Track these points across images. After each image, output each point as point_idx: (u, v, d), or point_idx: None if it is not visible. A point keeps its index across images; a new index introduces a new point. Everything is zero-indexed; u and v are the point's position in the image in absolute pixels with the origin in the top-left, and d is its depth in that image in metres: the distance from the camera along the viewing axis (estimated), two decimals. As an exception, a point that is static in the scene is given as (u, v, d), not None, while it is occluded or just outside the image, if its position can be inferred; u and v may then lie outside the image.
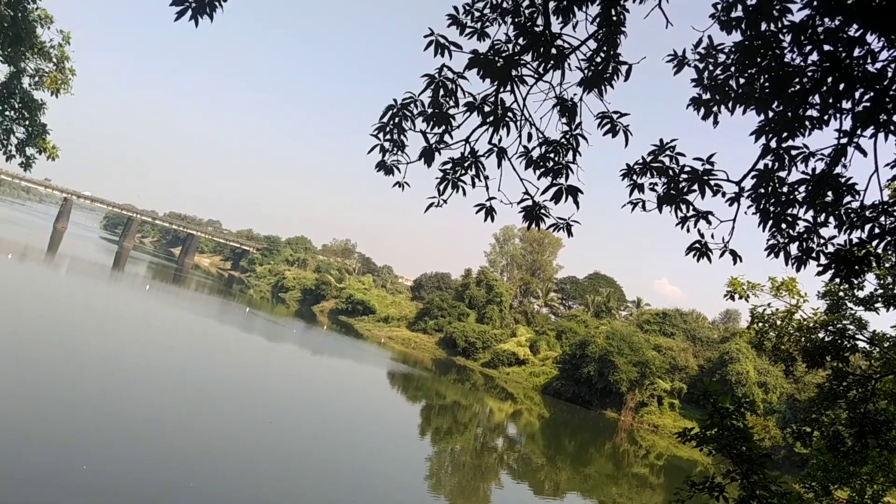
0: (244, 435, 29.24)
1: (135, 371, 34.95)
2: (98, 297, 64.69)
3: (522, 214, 6.43)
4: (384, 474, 30.06)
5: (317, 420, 37.10)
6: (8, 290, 51.17)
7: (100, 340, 40.92)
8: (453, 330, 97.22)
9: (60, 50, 14.64)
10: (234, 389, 38.13)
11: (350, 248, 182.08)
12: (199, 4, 7.14)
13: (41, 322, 41.62)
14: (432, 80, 6.16)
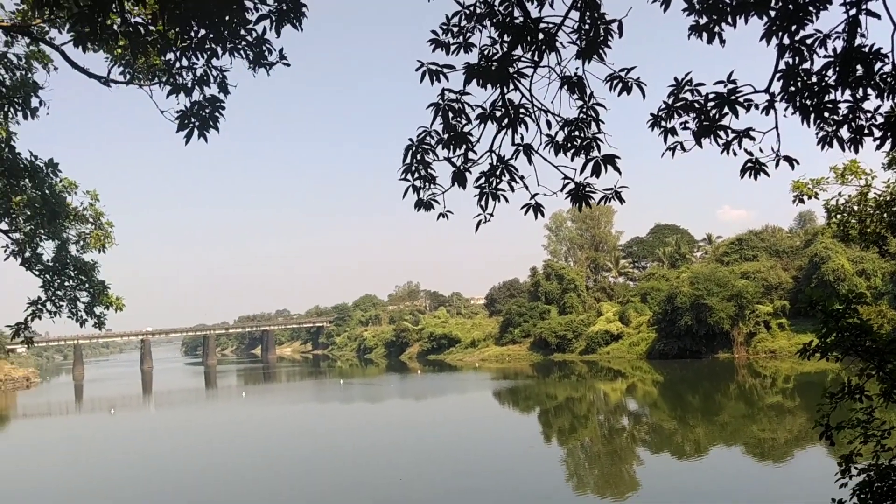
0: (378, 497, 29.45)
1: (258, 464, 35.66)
2: (206, 419, 66.37)
3: (569, 199, 6.40)
4: (527, 489, 29.85)
5: (444, 459, 37.13)
6: (138, 442, 52.90)
7: (236, 451, 41.90)
8: (540, 330, 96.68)
9: (93, 209, 15.22)
10: (350, 460, 38.49)
11: (415, 289, 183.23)
12: (202, 121, 7.47)
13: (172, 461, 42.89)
14: (438, 107, 6.24)
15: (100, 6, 6.94)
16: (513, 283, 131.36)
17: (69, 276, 15.51)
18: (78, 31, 7.74)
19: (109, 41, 7.96)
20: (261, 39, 7.12)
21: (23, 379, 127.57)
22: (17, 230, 14.70)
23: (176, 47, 7.44)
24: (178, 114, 7.52)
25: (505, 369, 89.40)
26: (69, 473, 40.22)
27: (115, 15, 7.46)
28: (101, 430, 63.54)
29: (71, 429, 69.36)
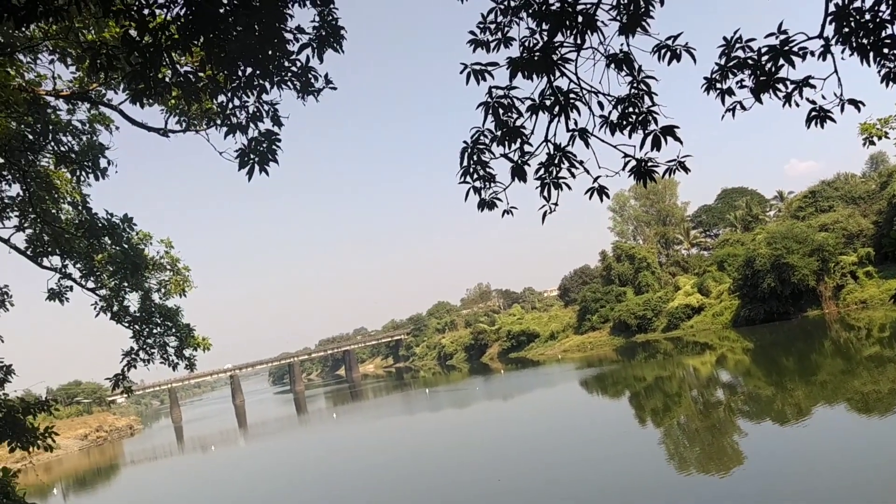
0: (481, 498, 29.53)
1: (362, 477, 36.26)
2: (304, 444, 67.80)
3: (633, 176, 6.33)
4: (627, 475, 29.44)
5: (539, 453, 36.95)
6: (242, 474, 54.53)
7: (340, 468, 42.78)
8: (618, 313, 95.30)
9: (169, 256, 15.79)
10: (446, 464, 38.67)
11: (486, 290, 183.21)
12: (261, 156, 7.68)
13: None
14: (487, 105, 6.26)
15: (150, 62, 7.22)
16: (584, 269, 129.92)
17: (156, 323, 16.12)
18: (133, 89, 8.06)
19: (163, 93, 8.27)
20: (306, 68, 7.26)
21: (126, 427, 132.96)
22: (103, 286, 15.38)
23: (226, 89, 7.67)
24: (237, 153, 7.75)
25: (588, 357, 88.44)
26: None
27: (166, 67, 7.74)
28: (205, 467, 65.68)
29: (178, 469, 71.90)
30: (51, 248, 13.85)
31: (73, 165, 11.81)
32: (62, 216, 13.72)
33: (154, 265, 15.72)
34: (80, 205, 13.35)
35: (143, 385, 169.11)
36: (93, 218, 13.24)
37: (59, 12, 6.17)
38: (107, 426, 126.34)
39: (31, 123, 11.07)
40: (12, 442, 12.28)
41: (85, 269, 15.06)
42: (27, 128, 11.19)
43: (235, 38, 6.83)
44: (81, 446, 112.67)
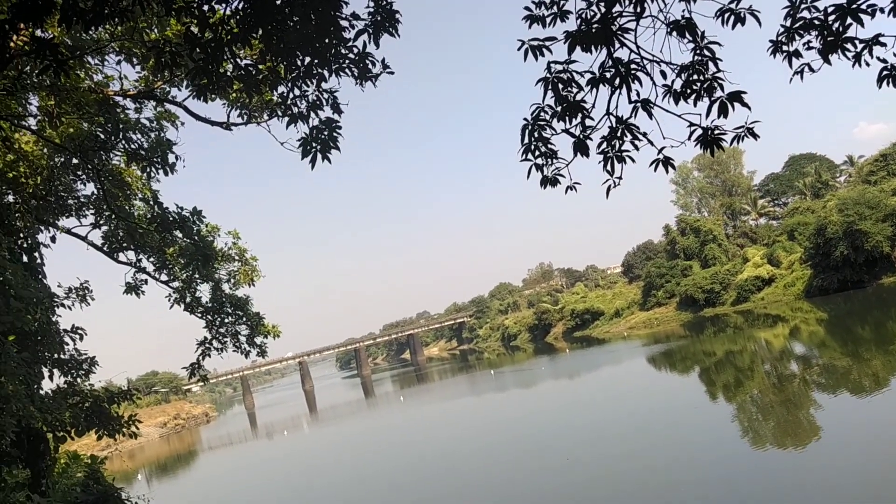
0: (548, 475, 29.52)
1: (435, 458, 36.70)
2: (373, 426, 68.94)
3: (699, 145, 6.18)
4: (700, 453, 28.99)
5: (607, 432, 36.68)
6: (306, 457, 55.89)
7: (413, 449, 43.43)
8: (685, 288, 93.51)
9: (237, 247, 16.19)
10: (520, 446, 38.74)
11: (548, 269, 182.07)
12: (323, 144, 7.79)
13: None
14: (547, 81, 6.19)
15: (212, 57, 7.39)
16: (647, 245, 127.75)
17: (227, 313, 16.59)
18: (196, 84, 8.26)
19: (225, 87, 8.46)
20: (363, 54, 7.31)
21: (202, 415, 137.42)
22: (176, 279, 15.89)
23: (286, 79, 7.80)
24: (299, 142, 7.88)
25: (655, 334, 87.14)
26: (259, 494, 42.97)
27: (227, 62, 7.91)
28: (278, 451, 67.45)
29: (252, 454, 74.04)
30: (126, 243, 14.38)
31: (143, 162, 12.21)
32: (135, 212, 14.22)
33: (223, 256, 16.16)
34: (151, 200, 13.80)
35: (216, 373, 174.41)
36: (164, 212, 13.68)
37: (124, 13, 6.36)
38: (184, 414, 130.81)
39: (102, 123, 11.48)
40: (99, 429, 12.86)
41: (158, 263, 15.59)
42: (98, 128, 11.61)
43: (293, 29, 6.92)
44: (161, 433, 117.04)
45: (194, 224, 14.05)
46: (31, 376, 10.23)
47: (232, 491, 48.48)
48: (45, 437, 12.69)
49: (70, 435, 12.72)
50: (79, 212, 14.62)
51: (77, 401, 12.67)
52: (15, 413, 9.48)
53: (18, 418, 9.76)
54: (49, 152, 12.11)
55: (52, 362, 12.44)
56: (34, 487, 11.36)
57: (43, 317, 11.12)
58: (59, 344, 12.01)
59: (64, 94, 10.14)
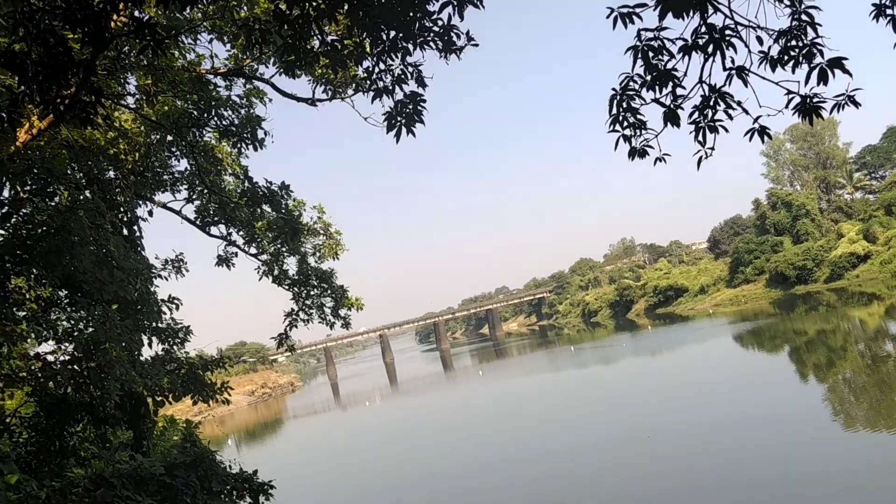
0: (628, 453, 29.25)
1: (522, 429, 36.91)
2: (455, 398, 69.79)
3: (797, 114, 5.91)
4: (788, 433, 28.11)
5: (688, 411, 35.99)
6: (390, 426, 57.15)
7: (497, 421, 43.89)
8: (775, 264, 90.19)
9: (322, 222, 16.55)
10: (601, 421, 38.47)
11: (630, 244, 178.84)
12: (408, 118, 7.85)
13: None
14: (637, 49, 6.03)
15: (300, 33, 7.53)
16: (735, 220, 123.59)
17: (313, 285, 17.03)
18: (284, 61, 8.45)
19: (312, 63, 8.61)
20: (448, 27, 7.29)
21: (287, 384, 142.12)
22: (264, 252, 16.40)
23: (371, 54, 7.87)
24: (384, 116, 7.96)
25: (742, 311, 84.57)
26: (345, 459, 44.23)
27: (313, 38, 8.04)
28: (362, 421, 69.16)
29: (336, 423, 76.16)
30: (217, 217, 14.92)
31: (234, 138, 12.59)
32: (226, 187, 14.71)
33: (308, 230, 16.56)
34: (241, 175, 14.24)
35: (301, 345, 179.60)
36: (254, 187, 14.10)
37: (217, -8, 6.54)
38: (271, 383, 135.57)
39: (195, 101, 11.90)
40: (195, 395, 13.48)
41: (247, 236, 16.10)
42: (192, 105, 12.04)
43: (378, 3, 6.97)
44: (249, 401, 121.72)
45: (282, 198, 14.44)
46: (133, 343, 10.80)
47: (314, 458, 50.05)
48: (146, 400, 13.41)
49: (168, 399, 13.40)
50: (173, 187, 15.23)
51: (174, 367, 13.31)
52: (119, 377, 10.04)
53: (122, 382, 10.34)
54: (146, 129, 12.64)
55: (151, 330, 13.09)
56: (136, 448, 12.03)
57: (142, 287, 11.69)
58: (157, 313, 12.62)
59: (160, 74, 10.56)
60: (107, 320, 9.66)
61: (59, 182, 9.66)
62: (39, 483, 8.81)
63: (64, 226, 9.28)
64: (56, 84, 6.40)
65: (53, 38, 5.98)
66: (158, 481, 9.39)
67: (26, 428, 11.29)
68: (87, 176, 10.88)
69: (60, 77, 6.32)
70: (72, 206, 9.80)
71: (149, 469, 9.32)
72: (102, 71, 9.87)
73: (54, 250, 9.41)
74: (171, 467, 9.61)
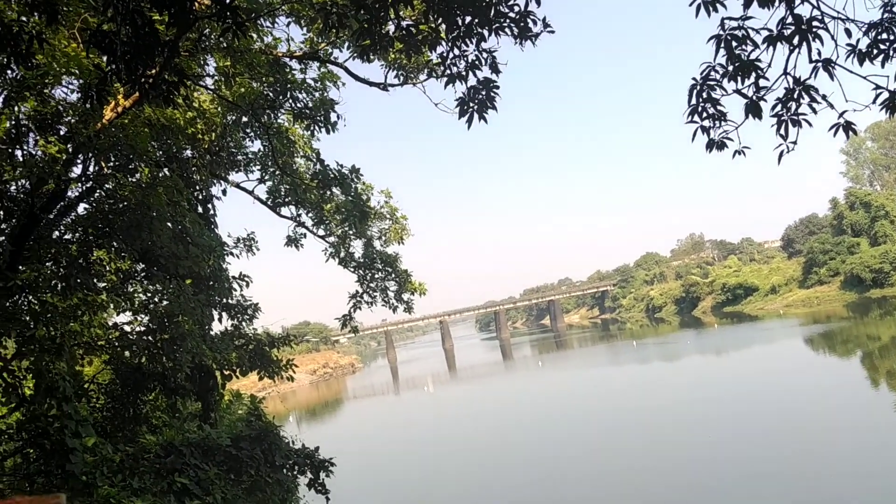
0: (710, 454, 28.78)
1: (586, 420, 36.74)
2: (513, 387, 69.82)
3: (885, 109, 5.66)
4: (856, 442, 27.15)
5: (756, 413, 35.11)
6: (448, 412, 57.61)
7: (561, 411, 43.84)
8: (850, 266, 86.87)
9: (388, 206, 16.70)
10: (664, 421, 37.89)
11: (699, 240, 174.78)
12: (481, 104, 7.82)
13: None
14: (719, 38, 5.86)
15: (376, 17, 7.58)
16: (811, 218, 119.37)
17: (377, 269, 17.23)
18: (359, 45, 8.52)
19: (386, 48, 8.67)
20: (524, 13, 7.23)
21: (348, 365, 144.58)
22: (332, 234, 16.66)
23: (446, 39, 7.87)
24: (456, 101, 7.96)
25: (814, 313, 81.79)
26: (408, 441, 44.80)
27: (389, 22, 8.09)
28: (423, 405, 69.86)
29: (395, 406, 77.13)
30: (288, 198, 15.22)
31: (307, 121, 12.79)
32: (297, 169, 14.99)
33: (376, 214, 16.74)
34: (312, 157, 14.48)
35: (363, 327, 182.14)
36: (325, 169, 14.32)
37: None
38: (332, 363, 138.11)
39: (272, 83, 12.14)
40: (261, 370, 13.84)
41: (316, 218, 16.37)
42: (268, 87, 12.29)
43: (455, -12, 6.96)
44: (311, 380, 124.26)
45: (352, 182, 14.63)
46: (205, 317, 11.15)
47: (370, 439, 50.77)
48: (214, 374, 13.83)
49: (235, 374, 13.79)
50: (247, 167, 15.59)
51: (242, 343, 13.69)
52: (190, 350, 10.39)
53: (193, 355, 10.69)
54: (223, 110, 12.94)
55: (222, 306, 13.48)
56: (204, 418, 12.44)
57: (215, 263, 12.04)
58: (228, 289, 12.99)
59: (238, 56, 10.80)
60: (181, 294, 9.99)
61: (141, 159, 10.00)
62: (114, 447, 9.21)
63: (144, 201, 9.61)
64: (142, 64, 6.61)
65: (141, 18, 6.17)
66: (225, 452, 9.69)
67: (103, 394, 11.81)
68: (167, 154, 11.24)
69: (146, 57, 6.52)
70: (152, 183, 10.14)
71: (216, 440, 9.63)
72: (184, 52, 10.16)
73: (134, 225, 9.76)
74: (237, 439, 9.91)
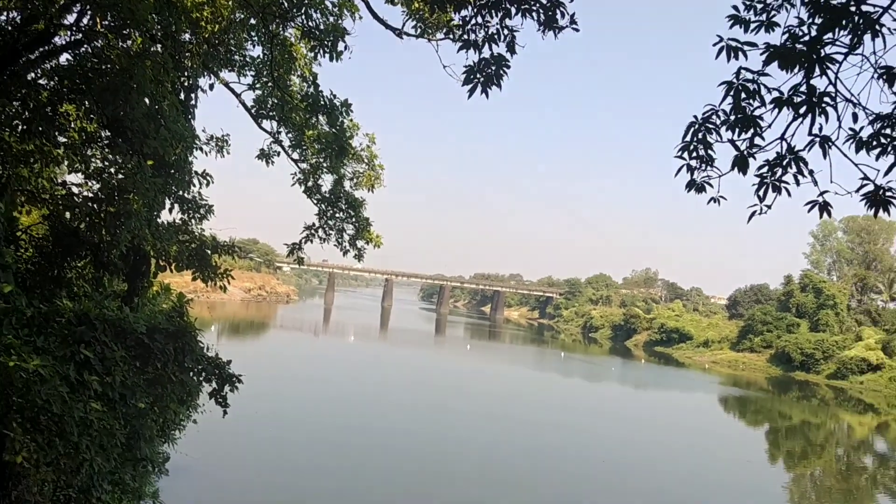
0: (581, 472, 29.47)
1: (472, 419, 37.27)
2: (433, 363, 70.41)
3: (865, 202, 5.77)
4: None
5: (650, 452, 36.09)
6: (363, 366, 57.88)
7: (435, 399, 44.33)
8: (784, 344, 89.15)
9: (369, 151, 16.52)
10: (561, 433, 38.68)
11: (652, 276, 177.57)
12: (487, 78, 7.76)
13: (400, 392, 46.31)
14: (731, 86, 5.90)
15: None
16: (761, 288, 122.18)
17: (341, 208, 17.05)
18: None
19: (413, -6, 8.61)
20: (555, 2, 7.18)
21: (284, 294, 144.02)
22: (306, 161, 16.44)
23: (473, 4, 7.77)
24: (465, 68, 7.87)
25: (736, 377, 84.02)
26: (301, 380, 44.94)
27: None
28: (338, 352, 70.03)
29: (315, 345, 77.16)
30: (273, 112, 14.94)
31: (315, 42, 12.53)
32: (291, 87, 14.72)
33: (354, 155, 16.54)
34: (309, 79, 14.22)
35: (309, 261, 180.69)
36: (318, 94, 14.08)
37: None
38: (269, 287, 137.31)
39: (289, -7, 11.85)
40: (197, 272, 13.67)
41: (294, 141, 16.12)
42: (286, -5, 11.99)
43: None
44: (244, 298, 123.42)
45: (341, 115, 14.41)
46: (156, 203, 10.92)
47: (282, 370, 50.76)
48: (149, 260, 13.61)
49: (170, 267, 13.57)
50: (241, 70, 15.22)
51: (186, 239, 13.46)
52: (132, 229, 10.20)
53: (133, 235, 10.51)
54: (233, 5, 12.61)
55: (176, 197, 13.21)
56: (127, 301, 12.25)
57: (182, 153, 11.78)
58: (187, 182, 12.73)
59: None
60: (139, 172, 9.78)
61: (137, 27, 9.69)
62: (29, 301, 9.03)
63: (128, 70, 9.35)
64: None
65: None
66: (137, 339, 9.57)
67: (33, 247, 11.54)
68: (164, 30, 10.89)
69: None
70: (141, 54, 9.86)
71: (132, 324, 9.50)
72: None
73: (111, 90, 9.50)
74: (153, 330, 9.79)
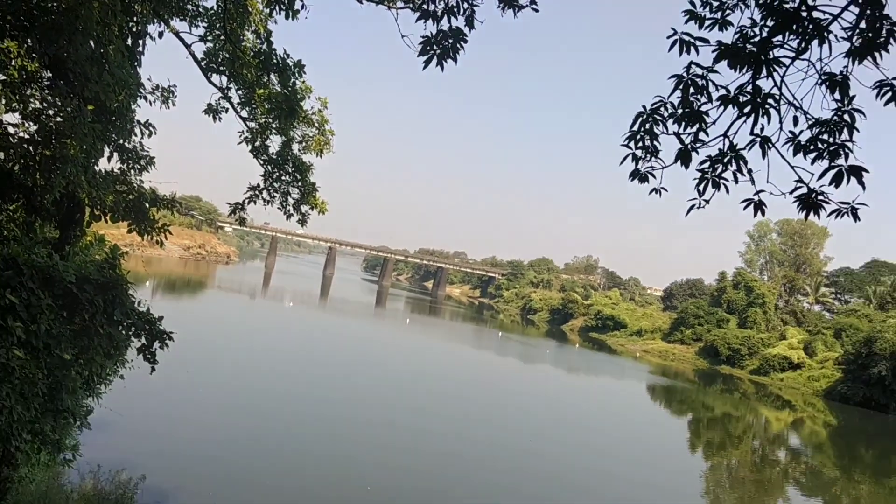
0: (507, 452, 30.00)
1: (405, 394, 37.49)
2: (369, 333, 70.39)
3: (797, 204, 5.95)
4: (657, 490, 29.08)
5: (579, 437, 36.95)
6: (297, 333, 57.50)
7: (377, 370, 44.46)
8: (713, 338, 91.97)
9: (320, 115, 16.25)
10: (494, 412, 39.27)
11: (592, 263, 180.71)
12: (444, 50, 7.71)
13: (333, 360, 46.16)
14: (680, 80, 5.99)
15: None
16: (696, 282, 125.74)
17: (287, 171, 16.77)
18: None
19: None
20: (518, -21, 7.18)
21: (224, 255, 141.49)
22: (254, 120, 16.10)
23: (434, -27, 7.69)
24: (422, 40, 7.80)
25: (665, 367, 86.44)
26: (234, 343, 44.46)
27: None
28: (275, 317, 69.37)
29: (251, 308, 76.23)
30: (224, 67, 14.56)
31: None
32: (243, 42, 14.35)
33: (304, 118, 16.25)
34: (262, 36, 13.89)
35: (252, 223, 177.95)
36: (271, 52, 13.78)
37: None
38: (209, 246, 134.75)
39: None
40: (133, 224, 13.29)
41: (244, 98, 15.75)
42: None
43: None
44: (182, 255, 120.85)
45: (293, 75, 14.13)
46: (95, 150, 10.56)
47: (216, 331, 50.12)
48: (84, 209, 13.18)
49: (105, 218, 13.17)
50: (192, 20, 14.76)
51: (124, 190, 13.07)
52: (67, 175, 9.85)
53: (68, 182, 10.14)
54: (190, -49, 12.21)
55: (116, 146, 12.78)
56: (58, 248, 11.85)
57: (125, 100, 11.38)
58: (129, 131, 12.32)
59: None
60: (78, 116, 9.43)
61: (86, -35, 9.30)
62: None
63: (74, 9, 8.97)
64: None
65: None
66: (65, 288, 9.28)
67: (-41, 184, 11.06)
68: (115, -28, 10.48)
69: None
70: (88, -6, 9.46)
71: (61, 272, 9.21)
72: None
73: (56, 28, 9.11)
74: (83, 280, 9.51)
